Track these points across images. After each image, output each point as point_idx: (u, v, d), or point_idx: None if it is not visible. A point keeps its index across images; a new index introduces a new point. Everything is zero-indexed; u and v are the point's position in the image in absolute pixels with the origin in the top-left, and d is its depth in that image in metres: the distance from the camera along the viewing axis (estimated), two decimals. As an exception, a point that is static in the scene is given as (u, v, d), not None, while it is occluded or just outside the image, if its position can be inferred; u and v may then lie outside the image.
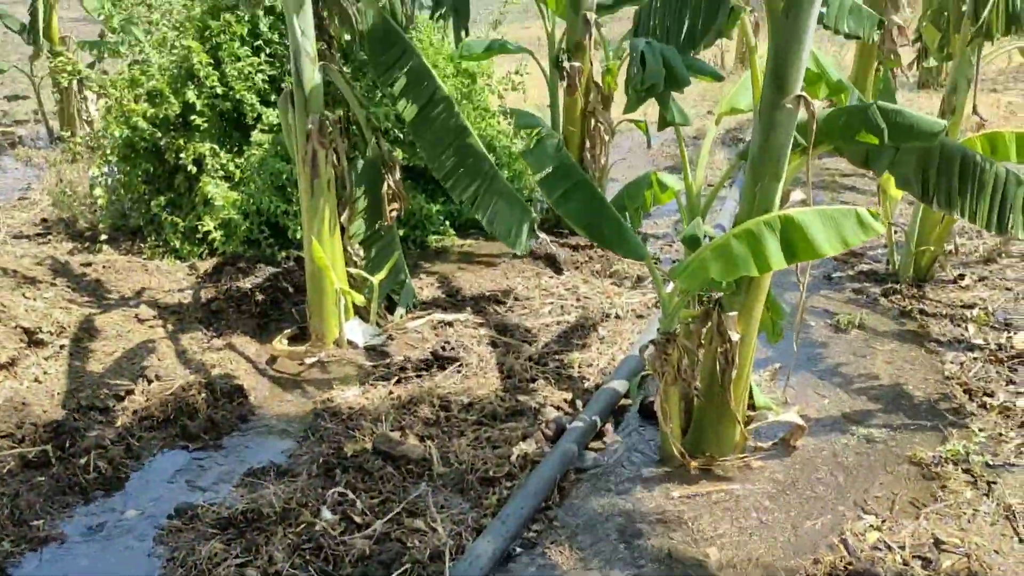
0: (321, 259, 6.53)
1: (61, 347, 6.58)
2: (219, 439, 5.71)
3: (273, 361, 6.78)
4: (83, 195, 9.93)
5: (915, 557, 4.39)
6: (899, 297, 7.56)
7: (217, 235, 8.29)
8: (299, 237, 7.93)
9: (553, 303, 7.64)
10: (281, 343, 6.91)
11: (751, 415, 5.37)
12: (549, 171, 5.15)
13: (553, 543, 4.60)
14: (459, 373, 6.42)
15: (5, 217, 10.18)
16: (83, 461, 5.26)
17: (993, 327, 6.92)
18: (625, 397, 6.00)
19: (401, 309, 7.35)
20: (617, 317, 7.33)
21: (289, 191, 8.29)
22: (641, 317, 7.33)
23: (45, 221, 9.97)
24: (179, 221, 8.60)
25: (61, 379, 6.20)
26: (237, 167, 8.46)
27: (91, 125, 12.86)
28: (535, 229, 6.67)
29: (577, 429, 5.39)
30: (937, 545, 4.46)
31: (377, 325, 7.11)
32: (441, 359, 6.62)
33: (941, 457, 5.21)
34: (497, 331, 7.11)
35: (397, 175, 7.01)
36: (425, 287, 8.00)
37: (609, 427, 5.67)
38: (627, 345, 6.76)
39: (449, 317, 7.33)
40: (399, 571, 4.29)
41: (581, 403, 5.93)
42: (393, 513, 4.76)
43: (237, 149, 8.68)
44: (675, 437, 5.17)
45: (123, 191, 9.23)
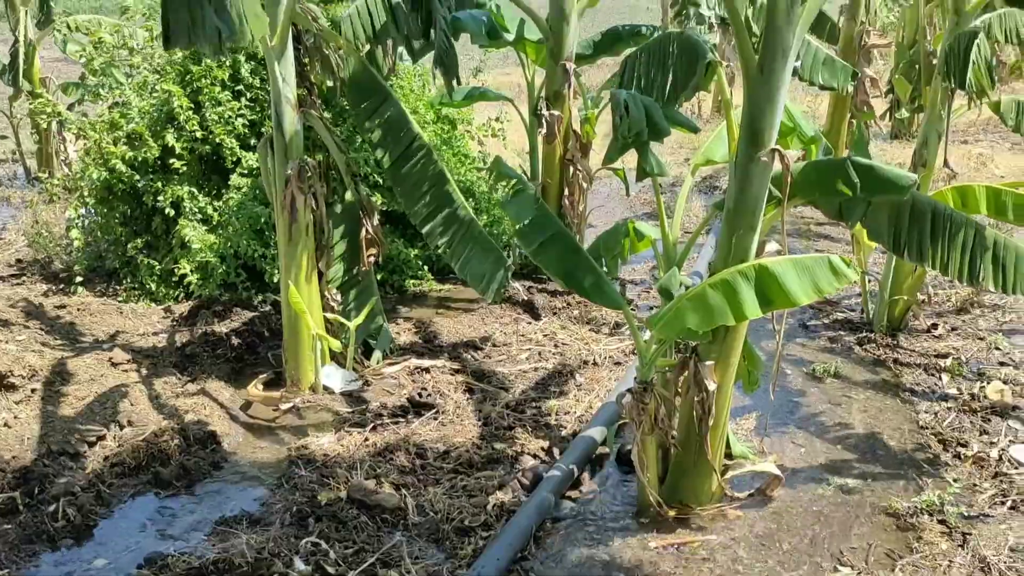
0: (298, 304, 6.51)
1: (33, 391, 6.49)
2: (191, 486, 5.63)
3: (248, 406, 6.72)
4: (59, 236, 9.88)
5: (891, 610, 4.38)
6: (874, 346, 7.62)
7: (193, 278, 8.24)
8: (276, 281, 7.90)
9: (531, 349, 7.64)
10: (256, 388, 6.85)
11: (728, 464, 5.38)
12: (527, 222, 5.20)
13: (529, 595, 4.55)
14: (436, 420, 6.39)
15: (-21, 258, 10.10)
16: (52, 508, 5.17)
17: (966, 377, 6.99)
18: (602, 445, 5.98)
19: (378, 354, 7.32)
20: (595, 364, 7.34)
21: (267, 235, 8.28)
22: (619, 364, 7.34)
23: (20, 262, 9.89)
24: (155, 264, 8.56)
25: (32, 424, 6.11)
26: (215, 210, 8.45)
27: (69, 166, 12.82)
28: (508, 278, 6.72)
29: (554, 478, 5.36)
30: (913, 597, 4.46)
31: (354, 370, 7.07)
32: (418, 405, 6.60)
33: (916, 508, 5.23)
34: (474, 377, 7.09)
35: (375, 220, 7.04)
36: (402, 332, 7.98)
37: (586, 476, 5.66)
38: (604, 392, 6.76)
39: (426, 363, 7.30)
40: (372, 624, 4.23)
41: (558, 451, 5.91)
42: (367, 564, 4.70)
43: (216, 192, 8.67)
44: (652, 486, 5.16)
45: (100, 233, 9.20)
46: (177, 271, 8.35)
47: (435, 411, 6.49)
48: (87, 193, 8.87)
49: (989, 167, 13.40)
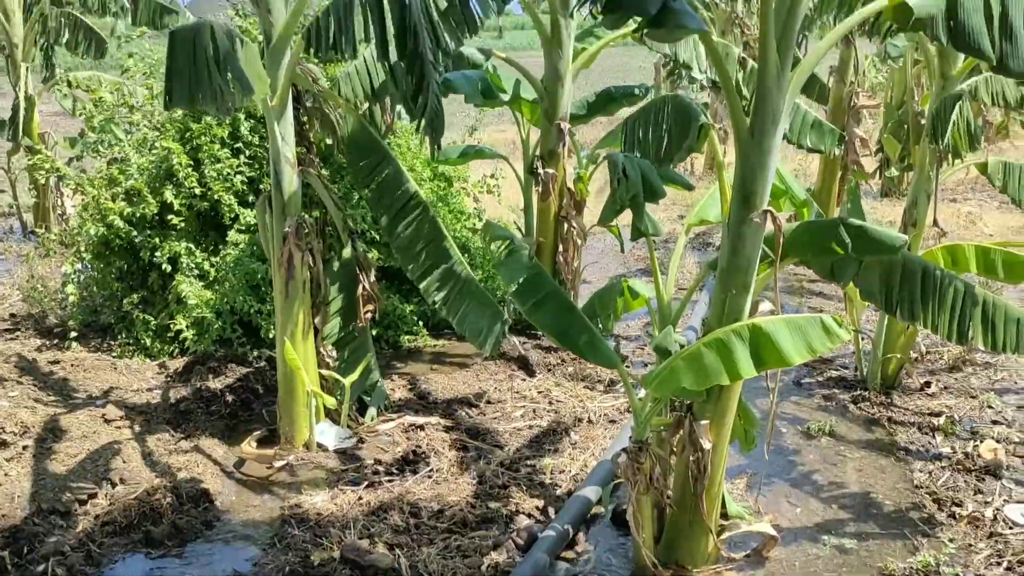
0: (293, 360, 6.51)
1: (24, 448, 6.46)
2: (183, 546, 5.58)
3: (241, 464, 6.68)
4: (54, 291, 9.89)
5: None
6: (868, 404, 7.63)
7: (189, 334, 8.25)
8: (272, 337, 7.92)
9: (525, 407, 7.63)
10: (250, 445, 6.82)
11: (724, 524, 5.35)
12: (521, 282, 5.25)
13: (524, 658, 4.49)
14: (430, 478, 6.36)
15: (-27, 312, 10.10)
16: (41, 568, 5.11)
17: (959, 436, 7.00)
18: (598, 504, 5.95)
19: (372, 411, 7.31)
20: (589, 422, 7.33)
21: (263, 290, 8.32)
22: (613, 422, 7.33)
23: (14, 316, 9.89)
24: (151, 319, 8.57)
25: (23, 481, 6.07)
26: (212, 266, 8.49)
27: (66, 221, 12.87)
28: (505, 333, 6.81)
29: (549, 538, 5.32)
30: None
31: (348, 428, 7.05)
32: (412, 463, 6.57)
33: (912, 568, 5.20)
34: (468, 435, 7.07)
35: (372, 277, 7.08)
36: (397, 388, 7.98)
37: (581, 536, 5.61)
38: (599, 451, 6.74)
39: (420, 420, 7.29)
40: None
41: (553, 510, 5.88)
42: (360, 626, 4.64)
43: (213, 248, 8.72)
44: (648, 547, 5.12)
45: (96, 288, 9.22)
46: (173, 326, 8.35)
47: (429, 469, 6.46)
48: (84, 248, 8.90)
49: (978, 225, 13.54)
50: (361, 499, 6.06)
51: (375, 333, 8.50)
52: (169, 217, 8.52)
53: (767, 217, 4.58)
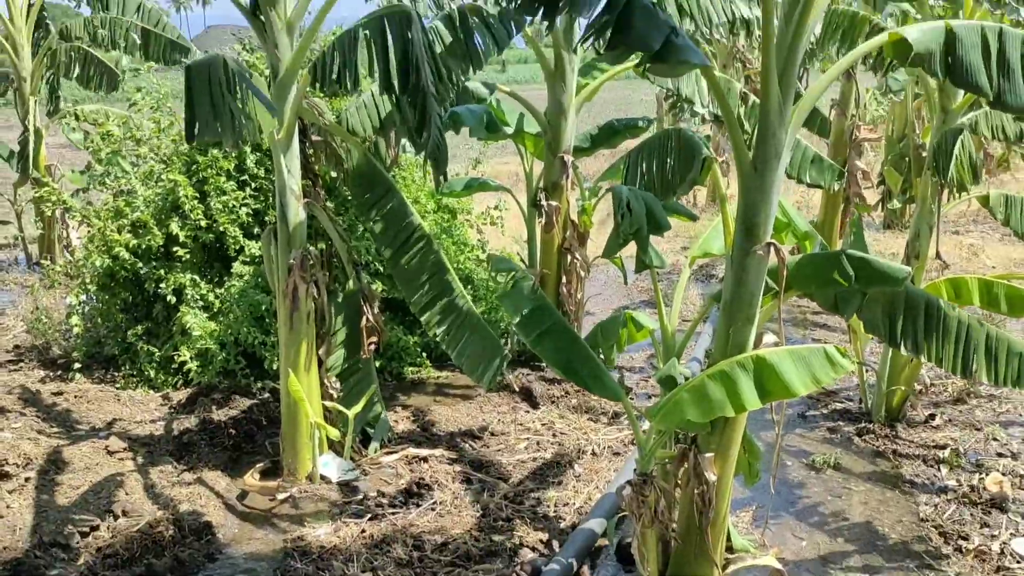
0: (297, 392, 6.52)
1: (27, 480, 6.45)
2: (185, 579, 5.56)
3: (244, 496, 6.66)
4: (58, 322, 9.90)
5: None
6: (872, 437, 7.61)
7: (193, 365, 8.25)
8: (275, 368, 7.92)
9: (529, 439, 7.62)
10: (253, 477, 6.80)
11: (729, 558, 5.31)
12: (525, 313, 5.27)
13: None
14: (433, 511, 6.34)
15: (-23, 343, 10.12)
16: (42, 602, 5.09)
17: (964, 468, 6.97)
18: (602, 537, 5.92)
19: (376, 443, 7.29)
20: (593, 454, 7.31)
21: (268, 322, 8.33)
22: (617, 454, 7.31)
23: (18, 347, 9.91)
24: (155, 350, 8.58)
25: (25, 513, 6.05)
26: (217, 297, 8.52)
27: (72, 253, 12.94)
28: (503, 367, 6.85)
29: (553, 572, 5.29)
30: None
31: (351, 460, 7.03)
32: (415, 496, 6.55)
33: (920, 603, 5.16)
34: (472, 467, 7.05)
35: (376, 308, 7.10)
36: (400, 420, 7.97)
37: (586, 569, 5.58)
38: (603, 483, 6.71)
39: (424, 452, 7.27)
40: None
41: (557, 544, 5.84)
42: (363, 660, 4.61)
43: (218, 279, 8.76)
44: (652, 581, 5.09)
45: (100, 319, 9.24)
46: (177, 358, 8.36)
47: (433, 501, 6.44)
48: (89, 279, 8.94)
49: (980, 257, 13.57)
50: (364, 532, 6.03)
51: (379, 364, 8.50)
52: (174, 249, 8.56)
53: (770, 249, 4.60)
